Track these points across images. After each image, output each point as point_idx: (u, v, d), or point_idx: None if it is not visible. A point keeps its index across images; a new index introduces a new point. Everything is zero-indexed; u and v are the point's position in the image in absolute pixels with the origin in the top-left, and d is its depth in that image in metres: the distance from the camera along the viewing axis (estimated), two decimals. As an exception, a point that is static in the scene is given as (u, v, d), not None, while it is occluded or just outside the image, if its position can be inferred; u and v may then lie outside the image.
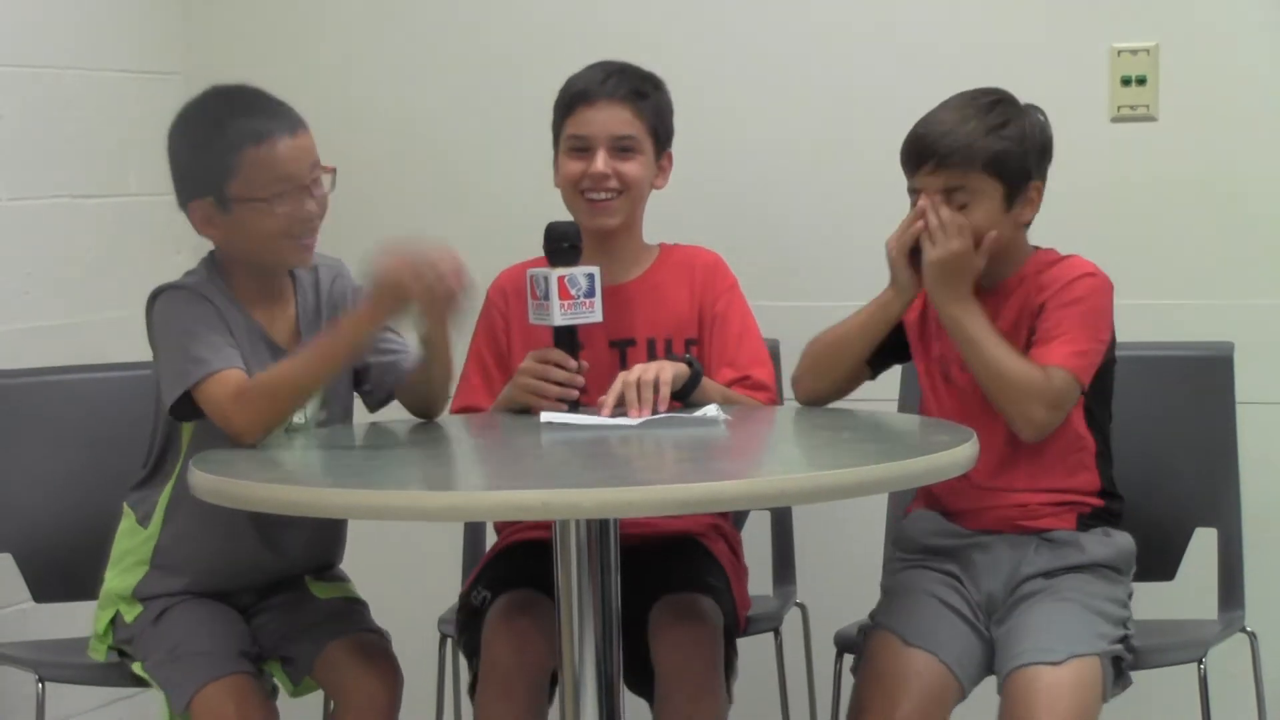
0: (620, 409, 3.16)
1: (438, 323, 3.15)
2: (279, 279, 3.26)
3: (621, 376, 3.20)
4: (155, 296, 3.21)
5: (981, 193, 3.20)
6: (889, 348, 3.35)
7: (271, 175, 3.13)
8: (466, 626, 3.34)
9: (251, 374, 3.10)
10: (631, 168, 3.38)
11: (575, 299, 3.25)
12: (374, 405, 3.37)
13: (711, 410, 3.14)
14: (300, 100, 3.24)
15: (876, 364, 3.37)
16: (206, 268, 3.25)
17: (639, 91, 3.40)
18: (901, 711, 3.13)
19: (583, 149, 3.38)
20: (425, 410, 3.33)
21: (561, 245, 3.27)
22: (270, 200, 3.13)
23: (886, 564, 3.43)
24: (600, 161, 3.36)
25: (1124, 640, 3.17)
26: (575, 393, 3.25)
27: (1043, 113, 3.28)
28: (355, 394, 3.36)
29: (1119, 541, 3.26)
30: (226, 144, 3.15)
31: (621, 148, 3.37)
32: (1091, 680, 3.08)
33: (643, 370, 3.19)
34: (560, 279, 3.23)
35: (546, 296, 3.24)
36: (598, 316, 3.27)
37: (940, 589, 3.25)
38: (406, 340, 3.28)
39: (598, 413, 3.16)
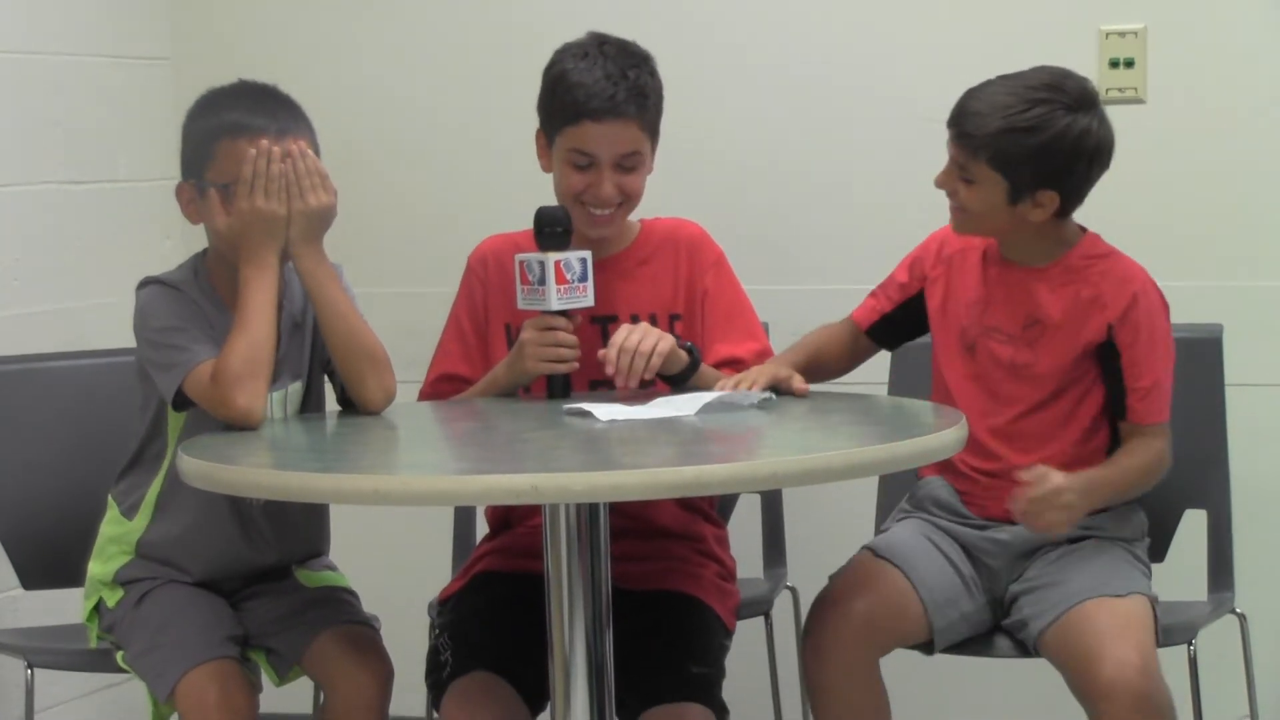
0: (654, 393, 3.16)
1: (303, 237, 3.13)
2: None
3: (616, 340, 3.17)
4: (140, 288, 3.21)
5: (984, 180, 3.19)
6: (905, 325, 3.40)
7: (238, 168, 3.12)
8: (433, 679, 3.26)
9: None
10: (636, 180, 3.32)
11: (570, 283, 3.24)
12: (337, 395, 3.32)
13: (758, 395, 3.13)
14: (288, 86, 3.24)
15: (893, 342, 3.42)
16: (192, 266, 3.25)
17: (643, 97, 3.29)
18: (859, 604, 3.19)
19: (586, 165, 3.30)
20: (355, 392, 3.21)
21: (555, 230, 3.26)
22: (232, 190, 3.13)
23: (891, 514, 3.47)
24: (607, 183, 3.29)
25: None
26: (578, 360, 3.25)
27: (1102, 122, 3.20)
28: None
29: (1131, 518, 3.31)
30: (211, 130, 3.16)
31: (628, 166, 3.31)
32: (1149, 618, 3.15)
33: (641, 338, 3.17)
34: (557, 264, 3.23)
35: (541, 281, 3.23)
36: (590, 301, 3.27)
37: (933, 533, 3.31)
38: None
39: (618, 399, 3.15)
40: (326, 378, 3.34)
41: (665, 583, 3.30)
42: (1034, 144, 3.15)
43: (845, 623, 3.19)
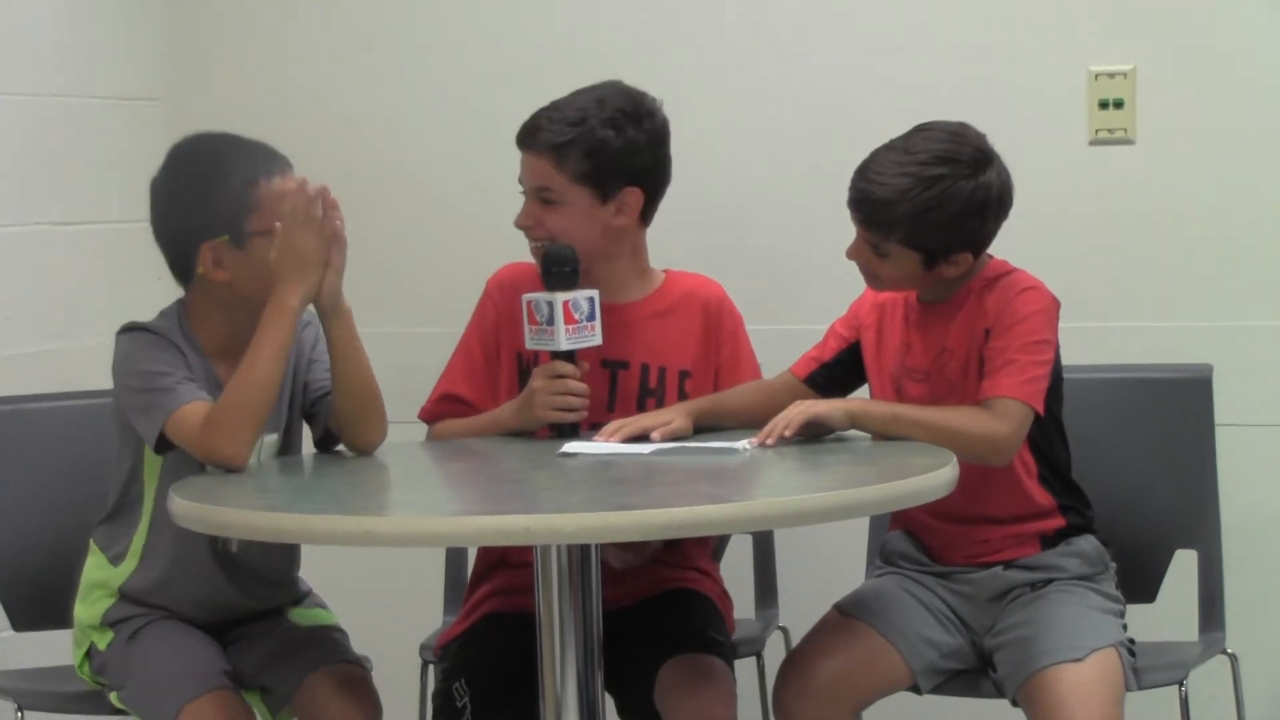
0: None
1: (337, 269, 3.13)
2: (250, 331, 3.14)
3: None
4: (121, 334, 3.19)
5: (898, 255, 3.20)
6: (841, 371, 3.37)
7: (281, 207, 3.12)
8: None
9: None
10: (552, 219, 3.32)
11: (579, 323, 3.25)
12: (316, 439, 3.31)
13: (740, 443, 3.15)
14: (280, 125, 3.27)
15: (832, 389, 3.38)
16: (176, 314, 3.22)
17: (569, 142, 3.29)
18: (824, 666, 3.20)
19: (522, 191, 3.37)
20: (352, 432, 3.21)
21: (563, 270, 3.27)
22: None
23: (868, 573, 3.49)
24: (524, 211, 3.35)
25: (1124, 630, 3.23)
26: (587, 409, 3.26)
27: (1000, 171, 3.20)
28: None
29: (1082, 548, 3.28)
30: (243, 179, 3.14)
31: (545, 200, 3.33)
32: (1114, 670, 3.12)
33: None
34: (565, 304, 3.24)
35: (550, 321, 3.24)
36: (598, 340, 3.28)
37: (907, 584, 3.32)
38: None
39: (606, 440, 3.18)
40: (305, 422, 3.32)
41: (669, 586, 3.35)
42: (943, 218, 3.15)
43: (809, 684, 3.20)
